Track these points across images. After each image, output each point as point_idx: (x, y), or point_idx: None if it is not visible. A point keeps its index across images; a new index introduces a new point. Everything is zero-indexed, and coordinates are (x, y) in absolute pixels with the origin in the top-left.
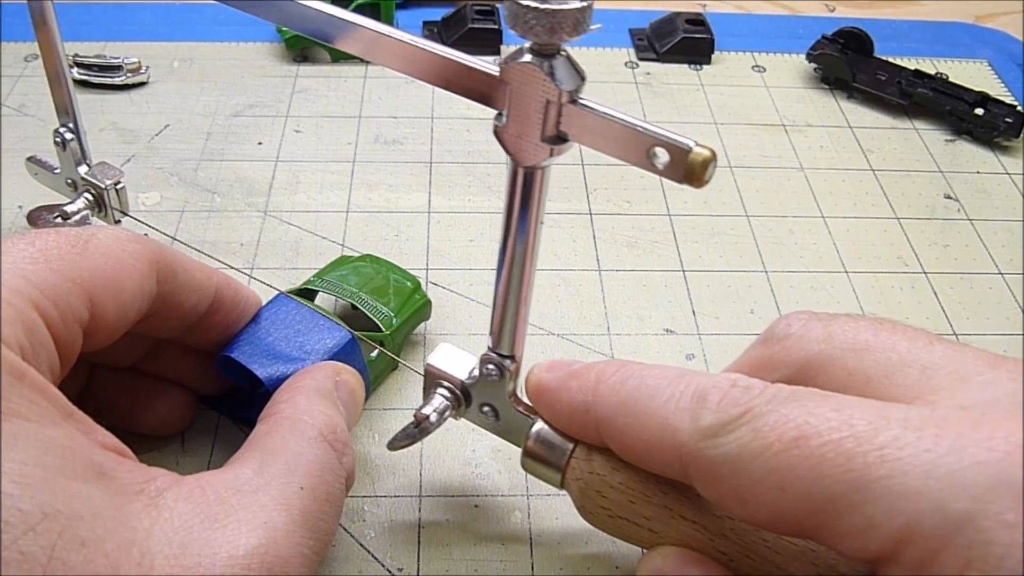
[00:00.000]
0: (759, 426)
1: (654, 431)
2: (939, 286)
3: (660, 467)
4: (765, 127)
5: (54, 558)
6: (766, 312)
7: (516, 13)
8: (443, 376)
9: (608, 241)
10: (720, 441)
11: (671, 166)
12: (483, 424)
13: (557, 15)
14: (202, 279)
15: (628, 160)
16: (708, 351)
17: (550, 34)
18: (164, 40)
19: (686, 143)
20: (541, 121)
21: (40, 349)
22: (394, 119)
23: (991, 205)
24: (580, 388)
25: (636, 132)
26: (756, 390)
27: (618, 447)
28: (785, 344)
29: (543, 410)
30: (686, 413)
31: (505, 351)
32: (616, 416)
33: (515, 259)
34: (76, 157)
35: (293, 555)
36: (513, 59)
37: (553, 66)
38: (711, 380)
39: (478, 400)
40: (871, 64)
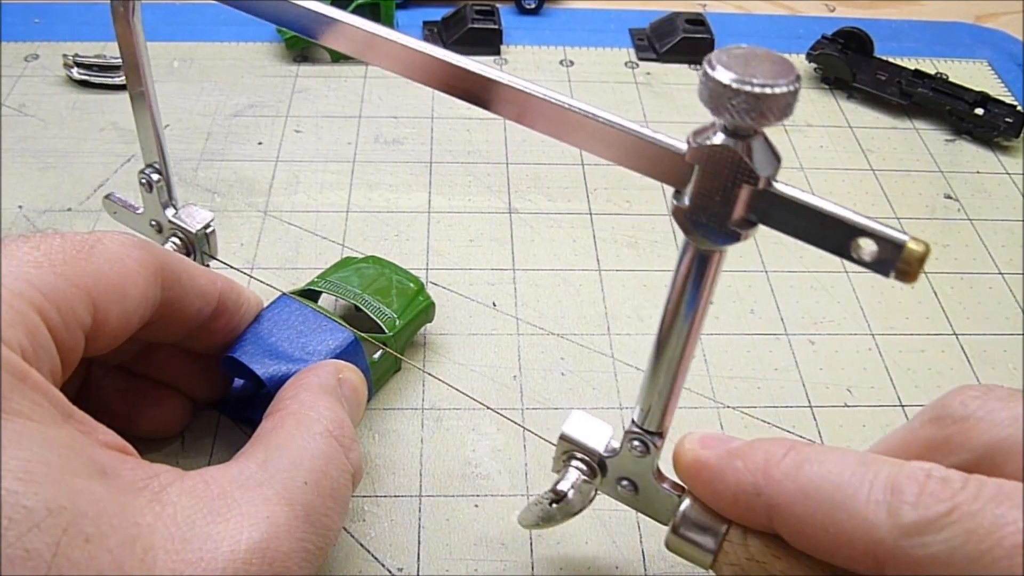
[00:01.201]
0: (972, 528)
1: (843, 523)
2: (939, 286)
3: (847, 561)
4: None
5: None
6: (766, 312)
7: (717, 93)
8: (579, 447)
9: (608, 241)
10: (926, 540)
11: (880, 259)
12: (619, 498)
13: (768, 100)
14: (206, 284)
15: (827, 249)
16: (708, 351)
17: (757, 120)
18: (164, 40)
19: (899, 237)
20: (731, 205)
21: (41, 352)
22: (394, 119)
23: (991, 205)
24: (748, 470)
25: (839, 221)
26: (957, 484)
27: (795, 537)
28: (964, 427)
29: (700, 489)
30: (882, 507)
31: (653, 428)
32: (795, 504)
33: (676, 337)
34: (163, 199)
35: (295, 550)
36: (704, 138)
37: (752, 149)
38: (903, 470)
39: (616, 473)
40: (871, 64)
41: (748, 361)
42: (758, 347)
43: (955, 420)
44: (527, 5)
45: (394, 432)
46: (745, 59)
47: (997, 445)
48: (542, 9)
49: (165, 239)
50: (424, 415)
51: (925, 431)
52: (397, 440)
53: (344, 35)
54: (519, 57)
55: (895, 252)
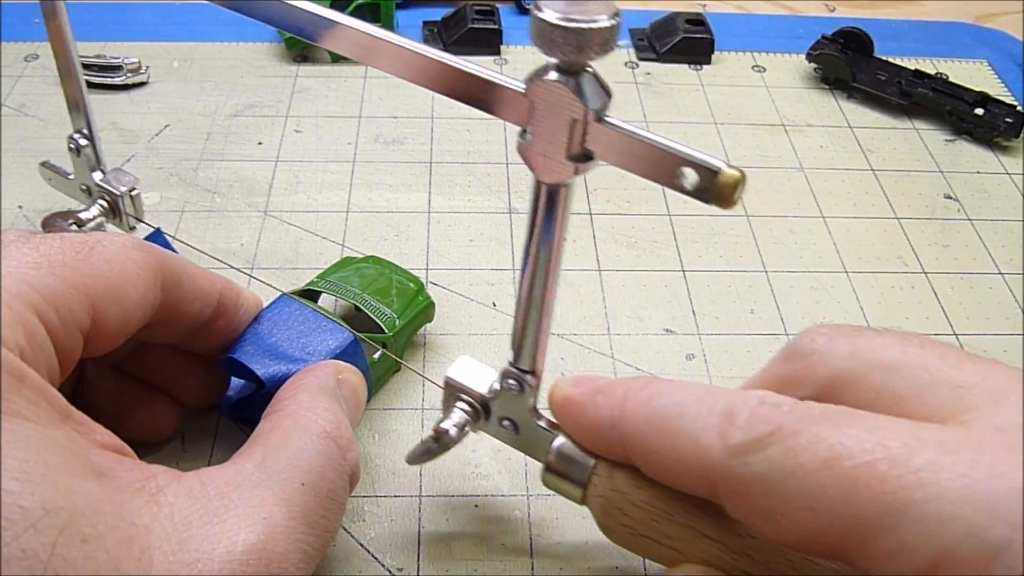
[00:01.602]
0: (790, 445)
1: (682, 448)
2: (939, 286)
3: (688, 485)
4: (765, 127)
5: (55, 555)
6: (766, 312)
7: (542, 31)
8: (463, 389)
9: (608, 241)
10: (750, 459)
11: (699, 187)
12: (502, 438)
13: (585, 34)
14: (206, 286)
15: (655, 180)
16: (708, 351)
17: (577, 53)
18: (164, 40)
19: (715, 164)
20: (566, 139)
21: (39, 353)
22: (394, 119)
23: (991, 205)
24: (607, 403)
25: (664, 152)
26: (786, 407)
27: (644, 464)
28: (810, 360)
29: (567, 425)
30: (715, 430)
31: (526, 366)
32: (643, 433)
33: (537, 275)
34: (91, 163)
35: (292, 551)
36: (538, 76)
37: (580, 84)
38: (739, 397)
39: (498, 414)
40: (871, 64)
41: (748, 361)
42: (758, 347)
43: (802, 355)
44: (527, 5)
45: (394, 432)
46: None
47: (837, 376)
48: None
49: (93, 202)
50: (424, 415)
51: (777, 368)
52: (397, 440)
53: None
54: (519, 57)
55: (711, 179)
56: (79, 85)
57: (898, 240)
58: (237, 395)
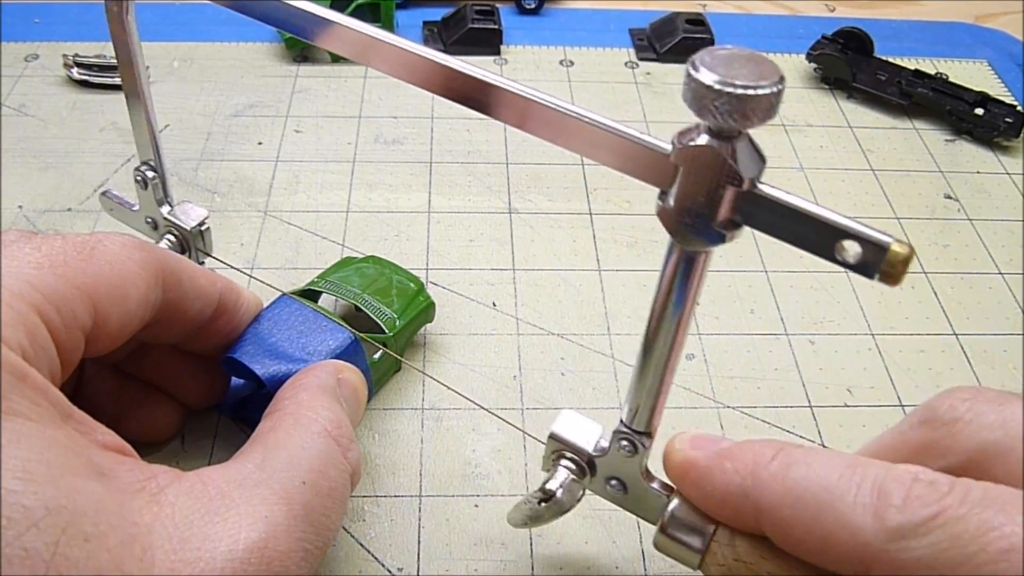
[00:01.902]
0: (957, 532)
1: (829, 526)
2: (939, 286)
3: (834, 564)
4: (765, 127)
5: (57, 554)
6: (766, 312)
7: (700, 95)
8: (569, 446)
9: (608, 241)
10: (911, 544)
11: (864, 261)
12: (608, 497)
13: (751, 101)
14: (206, 286)
15: (812, 252)
16: (708, 351)
17: (740, 121)
18: (164, 40)
19: (883, 239)
20: (716, 207)
21: (41, 353)
22: (394, 119)
23: (991, 205)
24: (736, 471)
25: (824, 223)
26: (944, 487)
27: (782, 538)
28: (953, 429)
29: (689, 489)
30: (868, 510)
31: (641, 428)
32: (782, 506)
33: (662, 338)
34: (158, 196)
35: (293, 550)
36: (689, 139)
37: (736, 150)
38: (890, 473)
39: (604, 472)
40: (871, 64)
41: (748, 361)
42: (758, 347)
43: (944, 423)
44: (527, 5)
45: (394, 432)
46: (728, 60)
47: (986, 448)
48: (542, 9)
49: (160, 236)
50: (424, 415)
51: (914, 434)
52: (397, 440)
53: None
54: (519, 57)
55: (879, 254)
56: (149, 116)
57: None
58: (237, 395)
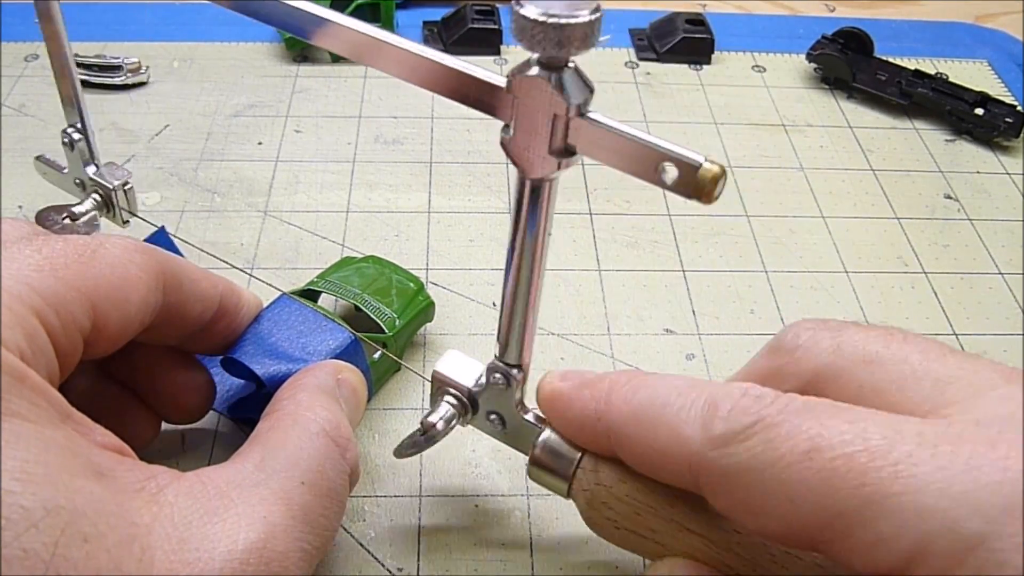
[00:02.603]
0: (771, 436)
1: (665, 440)
2: (939, 286)
3: (670, 476)
4: (765, 127)
5: (57, 554)
6: (766, 312)
7: (523, 27)
8: (450, 383)
9: (608, 241)
10: (731, 450)
11: (680, 182)
12: (490, 432)
13: (565, 29)
14: (207, 288)
15: (636, 174)
16: (708, 351)
17: (558, 48)
18: (164, 40)
19: (695, 159)
20: (549, 134)
21: (40, 355)
22: (394, 119)
23: (991, 205)
24: (593, 397)
25: (645, 147)
26: (768, 399)
27: (628, 456)
28: (794, 355)
29: (553, 418)
30: (697, 421)
31: (512, 360)
32: (627, 425)
33: (522, 269)
34: (84, 157)
35: (292, 550)
36: (520, 72)
37: (561, 79)
38: (722, 389)
39: (485, 408)
40: (871, 64)
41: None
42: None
43: (787, 350)
44: None
45: (394, 432)
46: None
47: (820, 371)
48: None
49: (87, 195)
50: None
51: (763, 362)
52: (397, 440)
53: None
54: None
55: (692, 172)
56: (72, 79)
57: (898, 240)
58: (237, 395)
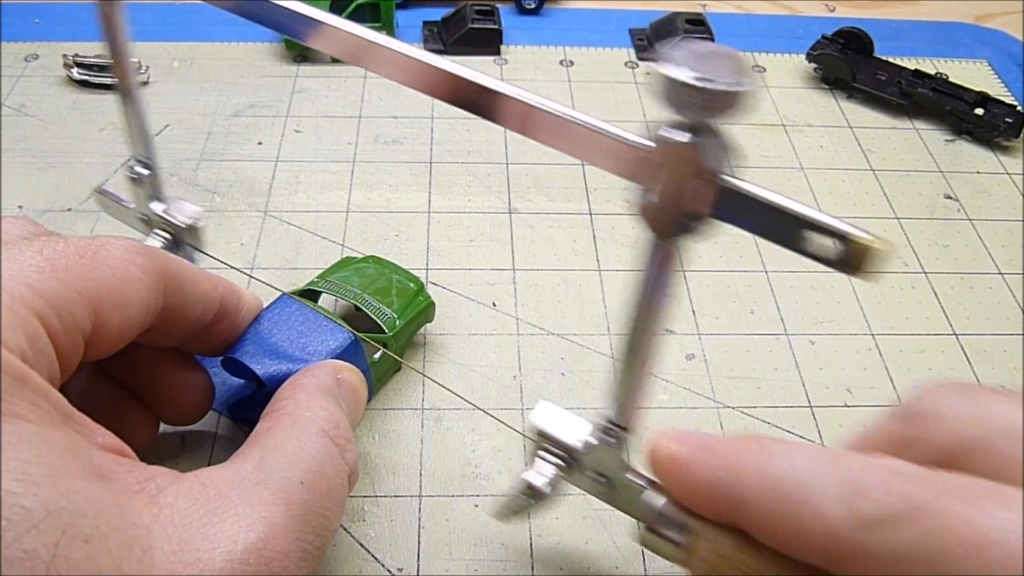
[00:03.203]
0: (931, 526)
1: (804, 518)
2: (939, 286)
3: (807, 556)
4: (765, 127)
5: (57, 555)
6: (766, 312)
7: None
8: (551, 440)
9: (608, 241)
10: (884, 536)
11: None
12: (593, 491)
13: (717, 96)
14: (208, 290)
15: (779, 243)
16: (708, 351)
17: (705, 113)
18: (164, 40)
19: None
20: (691, 199)
21: (40, 356)
22: (394, 119)
23: (991, 205)
24: (718, 466)
25: (789, 216)
26: (919, 480)
27: (758, 530)
28: (929, 424)
29: (671, 484)
30: (842, 501)
31: (624, 423)
32: (759, 498)
33: (643, 333)
34: (150, 193)
35: (292, 550)
36: (668, 134)
37: (708, 144)
38: (866, 465)
39: (588, 466)
40: (871, 64)
41: (748, 361)
42: (758, 347)
43: (923, 418)
44: (527, 5)
45: (394, 432)
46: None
47: (962, 443)
48: (542, 9)
49: (151, 231)
50: (424, 415)
51: (894, 429)
52: (397, 440)
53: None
54: (519, 57)
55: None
56: (140, 112)
57: (898, 240)
58: (237, 395)
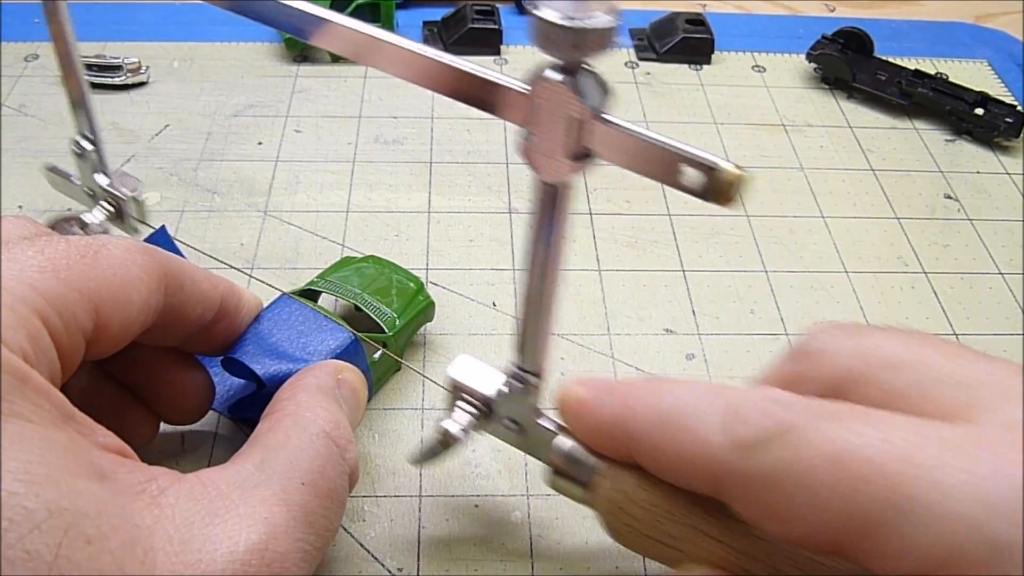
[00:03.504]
0: (798, 442)
1: (688, 446)
2: (939, 286)
3: (692, 482)
4: (765, 127)
5: (59, 556)
6: (766, 312)
7: (542, 31)
8: (466, 390)
9: (608, 241)
10: (756, 456)
11: (699, 184)
12: (506, 438)
13: (584, 34)
14: (208, 289)
15: (654, 177)
16: (708, 351)
17: (576, 52)
18: (164, 40)
19: (714, 161)
20: (566, 138)
21: (42, 356)
22: (394, 119)
23: (991, 205)
24: (614, 403)
25: (663, 150)
26: (792, 404)
27: (649, 463)
28: (815, 360)
29: (573, 424)
30: (721, 427)
31: (530, 367)
32: (649, 431)
33: (539, 275)
34: (95, 166)
35: (293, 551)
36: (539, 75)
37: (579, 82)
38: (746, 394)
39: (502, 414)
40: (871, 64)
41: (748, 361)
42: (758, 347)
43: (807, 355)
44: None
45: (394, 432)
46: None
47: (842, 376)
48: None
49: (97, 204)
50: (424, 415)
51: (783, 367)
52: (397, 440)
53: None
54: (519, 57)
55: (710, 176)
56: (82, 86)
57: (898, 240)
58: (237, 395)
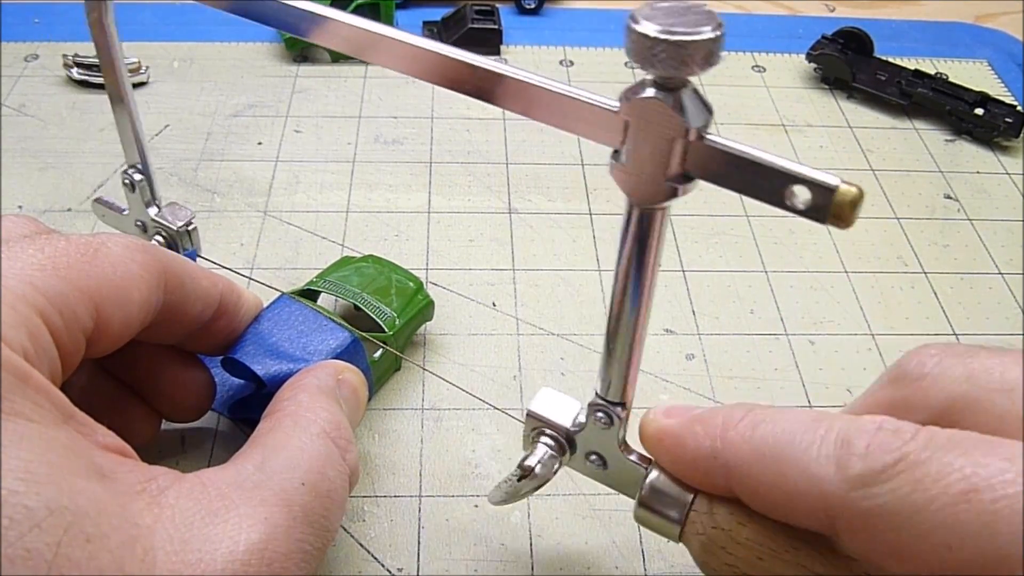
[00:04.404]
0: (919, 476)
1: (794, 480)
2: (939, 286)
3: (800, 519)
4: (765, 127)
5: (59, 554)
6: (766, 312)
7: (642, 46)
8: (546, 423)
9: (608, 241)
10: (874, 491)
11: (813, 206)
12: (589, 473)
13: (689, 48)
14: (208, 287)
15: (762, 199)
16: (708, 351)
17: (678, 68)
18: (164, 40)
19: (830, 181)
20: (666, 160)
21: (42, 354)
22: (394, 119)
23: (991, 205)
24: (706, 434)
25: (771, 169)
26: (908, 434)
27: (750, 497)
28: (921, 385)
29: (663, 457)
30: (830, 460)
31: (615, 398)
32: (749, 464)
33: (629, 303)
34: (145, 198)
35: (293, 551)
36: (635, 93)
37: (681, 101)
38: (854, 423)
39: (584, 448)
40: (871, 64)
41: (748, 361)
42: (758, 347)
43: (912, 379)
44: (527, 5)
45: (394, 432)
46: (668, 12)
47: (953, 401)
48: (542, 9)
49: (150, 238)
50: (424, 415)
51: (885, 392)
52: (397, 440)
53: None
54: (519, 57)
55: (827, 197)
56: (133, 119)
57: (898, 240)
58: (237, 395)
